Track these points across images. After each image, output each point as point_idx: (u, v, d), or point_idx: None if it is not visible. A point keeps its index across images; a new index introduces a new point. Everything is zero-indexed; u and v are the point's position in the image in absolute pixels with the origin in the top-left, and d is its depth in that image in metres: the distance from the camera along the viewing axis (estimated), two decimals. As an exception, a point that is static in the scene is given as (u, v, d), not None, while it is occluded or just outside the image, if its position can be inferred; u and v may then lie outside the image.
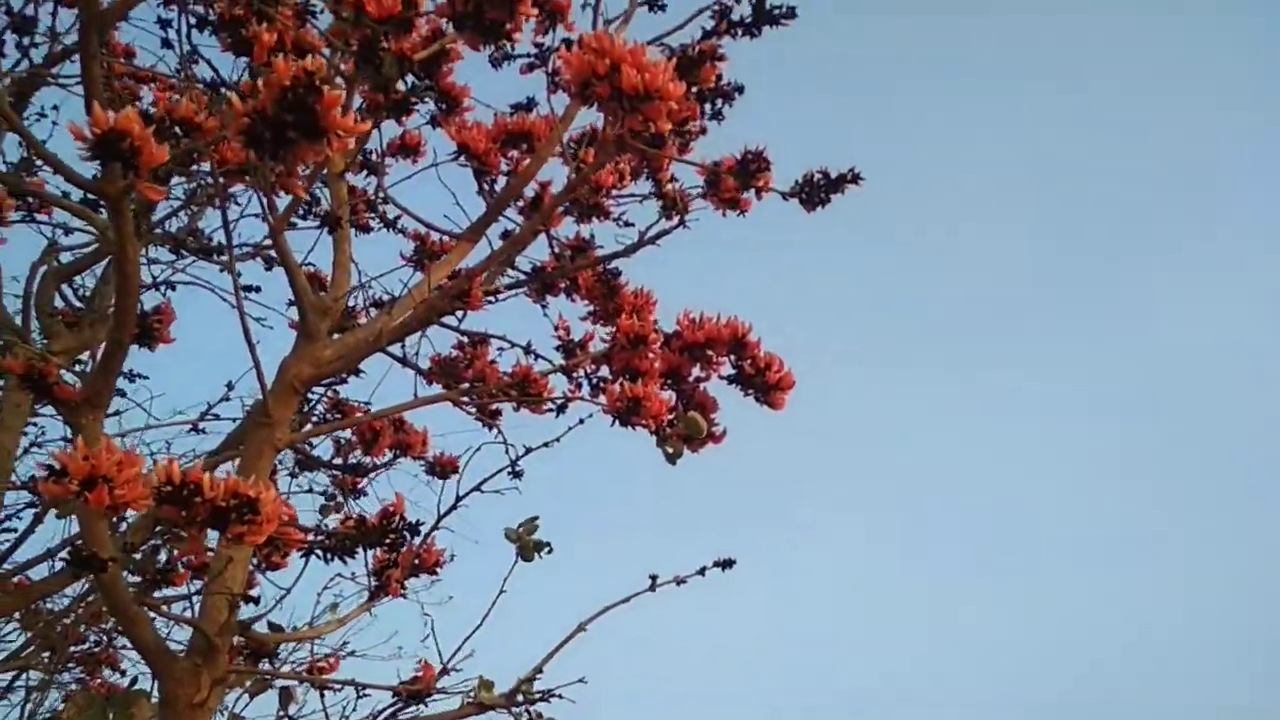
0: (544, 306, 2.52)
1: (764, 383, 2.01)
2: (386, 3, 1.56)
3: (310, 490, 3.63)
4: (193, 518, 1.22)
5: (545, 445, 1.89)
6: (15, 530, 2.91)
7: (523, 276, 2.48)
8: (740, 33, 1.81)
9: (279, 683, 1.70)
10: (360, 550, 1.42)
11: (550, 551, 1.99)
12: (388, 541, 1.43)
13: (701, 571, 1.95)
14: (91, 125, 1.12)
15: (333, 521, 1.66)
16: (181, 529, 1.26)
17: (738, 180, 1.81)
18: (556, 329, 2.16)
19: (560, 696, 1.70)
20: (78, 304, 3.43)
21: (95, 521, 1.49)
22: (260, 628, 1.62)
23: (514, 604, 1.80)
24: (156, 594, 2.06)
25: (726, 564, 1.98)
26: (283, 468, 3.69)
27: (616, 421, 1.88)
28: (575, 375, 2.12)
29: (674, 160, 1.99)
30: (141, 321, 2.05)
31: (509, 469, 2.07)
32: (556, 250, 2.53)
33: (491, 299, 2.25)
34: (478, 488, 1.84)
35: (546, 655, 1.74)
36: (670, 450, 1.86)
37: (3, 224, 1.76)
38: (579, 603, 1.82)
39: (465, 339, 2.49)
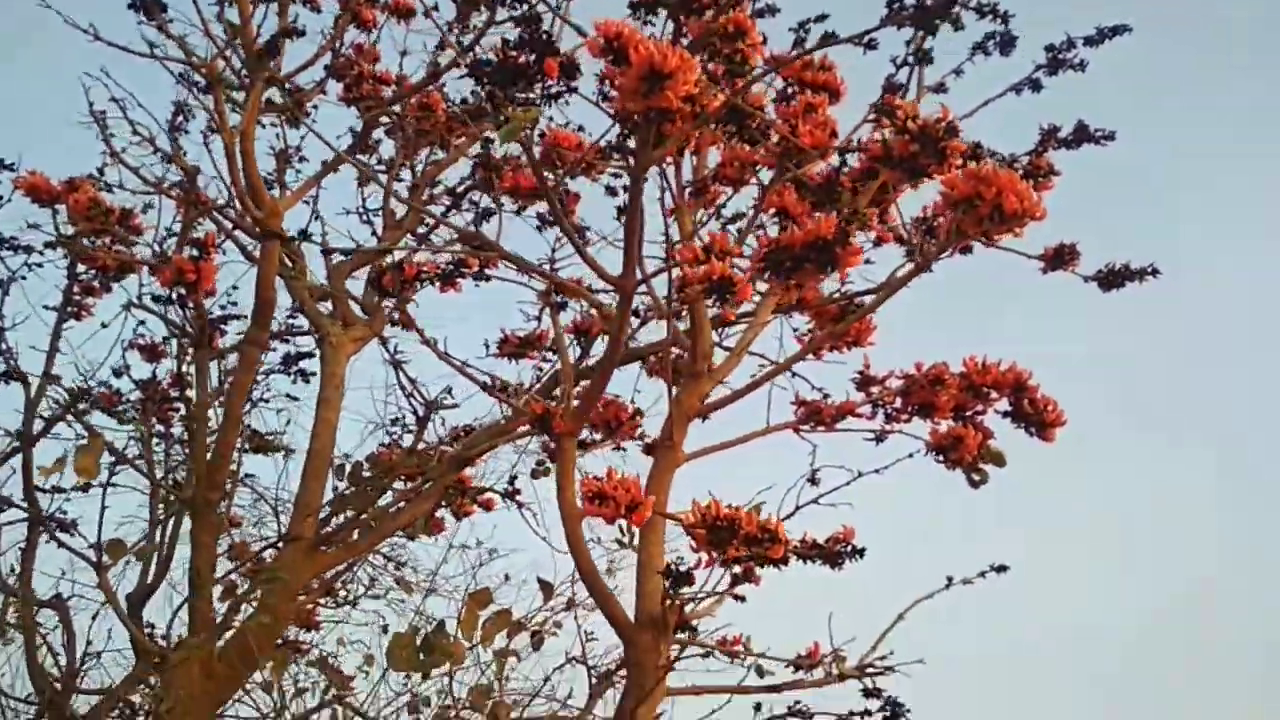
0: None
1: (1041, 420, 2.44)
2: (817, 135, 2.00)
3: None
4: (727, 542, 1.70)
5: (876, 471, 2.35)
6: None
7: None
8: (1059, 146, 2.24)
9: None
10: (810, 560, 1.89)
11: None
12: (838, 562, 1.90)
13: (983, 574, 2.43)
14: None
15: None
16: (711, 549, 1.73)
17: (1050, 265, 2.22)
18: (863, 369, 2.58)
19: (895, 670, 2.19)
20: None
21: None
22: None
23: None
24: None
25: (1001, 568, 2.46)
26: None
27: (936, 454, 2.34)
28: (876, 407, 2.56)
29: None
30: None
31: (808, 477, 2.55)
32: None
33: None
34: (816, 500, 2.31)
35: (878, 637, 2.23)
36: (976, 477, 2.32)
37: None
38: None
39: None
